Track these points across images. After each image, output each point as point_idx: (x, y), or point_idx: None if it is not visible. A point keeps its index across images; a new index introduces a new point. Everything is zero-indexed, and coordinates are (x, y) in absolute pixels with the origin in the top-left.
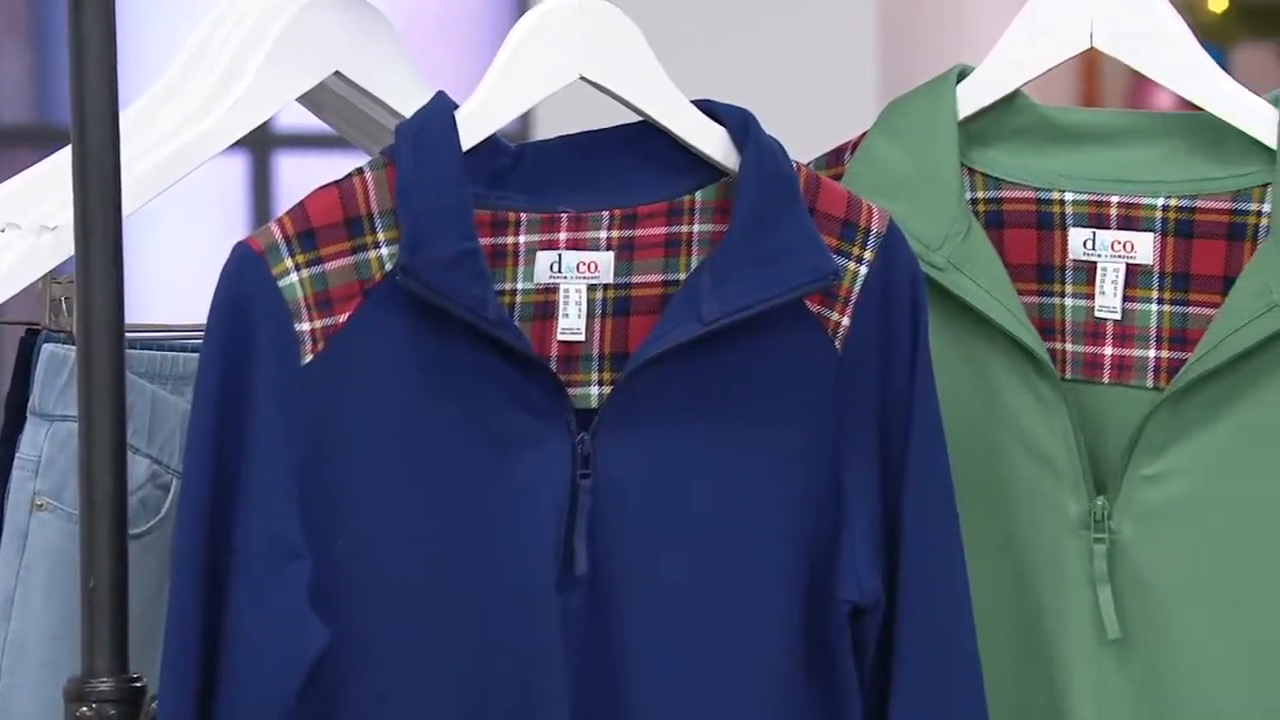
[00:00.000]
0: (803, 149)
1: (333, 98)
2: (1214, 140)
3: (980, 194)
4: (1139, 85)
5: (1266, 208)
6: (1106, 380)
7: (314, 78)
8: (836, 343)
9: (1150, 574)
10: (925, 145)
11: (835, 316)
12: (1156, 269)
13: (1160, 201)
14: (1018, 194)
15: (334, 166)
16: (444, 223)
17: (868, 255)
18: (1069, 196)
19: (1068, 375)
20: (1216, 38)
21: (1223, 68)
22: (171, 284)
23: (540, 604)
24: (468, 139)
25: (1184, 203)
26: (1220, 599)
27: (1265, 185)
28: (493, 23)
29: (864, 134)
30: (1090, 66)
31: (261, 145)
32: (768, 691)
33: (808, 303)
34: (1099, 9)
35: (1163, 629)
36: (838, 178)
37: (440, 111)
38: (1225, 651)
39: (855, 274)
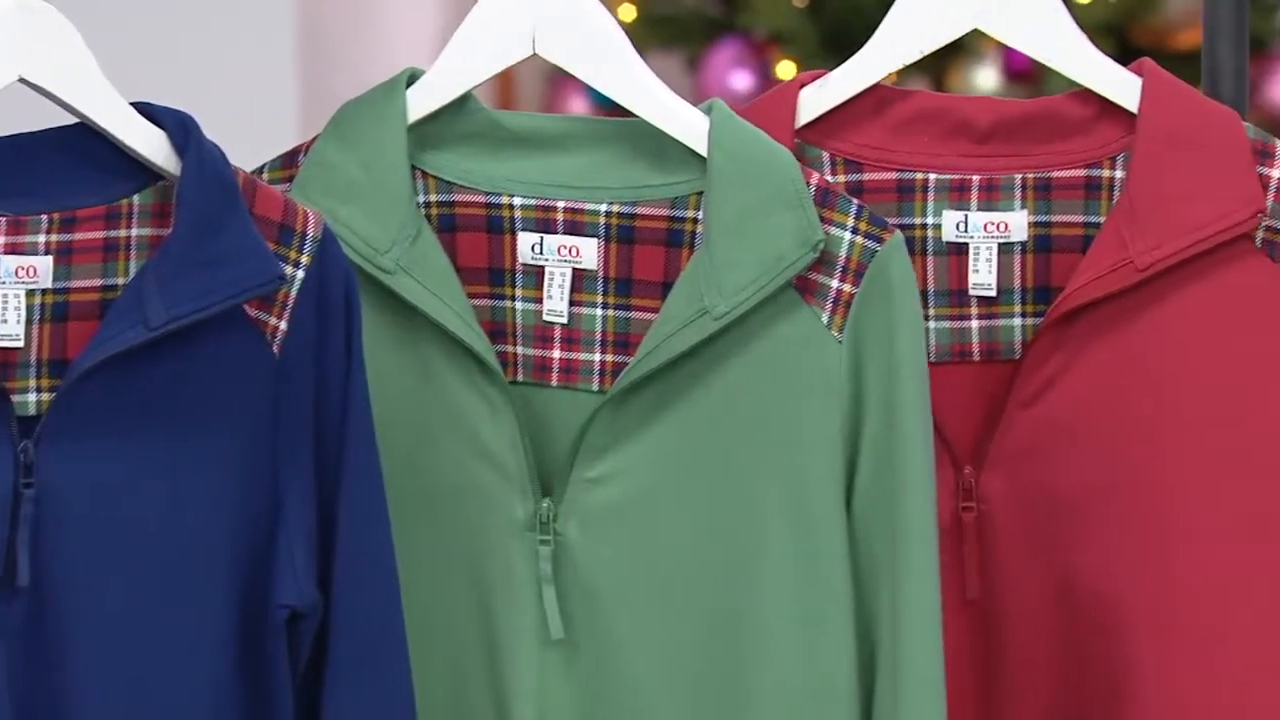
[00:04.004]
0: (230, 153)
1: None
2: (656, 148)
3: (432, 197)
4: (556, 91)
5: (701, 215)
6: (555, 383)
7: None
8: (274, 347)
9: (593, 575)
10: (375, 148)
11: (273, 320)
12: (601, 274)
13: (604, 207)
14: (468, 198)
15: None
16: None
17: (304, 259)
18: (518, 201)
19: (519, 378)
20: None
21: None
22: None
23: None
24: None
25: (625, 209)
26: (657, 600)
27: (700, 193)
28: None
29: (316, 137)
30: (506, 72)
31: None
32: (205, 698)
33: (246, 307)
34: (541, 17)
35: (605, 630)
36: (291, 179)
37: None
38: (662, 652)
39: (293, 278)
